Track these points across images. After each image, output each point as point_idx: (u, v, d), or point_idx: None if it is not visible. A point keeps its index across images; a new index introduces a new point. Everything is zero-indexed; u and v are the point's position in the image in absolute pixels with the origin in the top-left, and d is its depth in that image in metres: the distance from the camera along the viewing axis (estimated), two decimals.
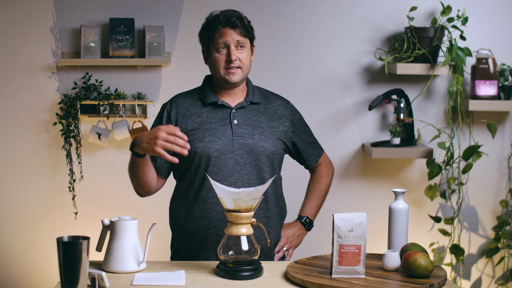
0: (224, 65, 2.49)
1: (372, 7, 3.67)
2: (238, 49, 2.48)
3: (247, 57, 2.51)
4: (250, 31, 2.52)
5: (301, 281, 2.16)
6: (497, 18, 3.69)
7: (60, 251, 2.01)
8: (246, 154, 2.49)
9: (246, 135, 2.50)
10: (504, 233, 3.67)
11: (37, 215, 3.72)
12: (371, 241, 3.45)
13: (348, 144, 3.72)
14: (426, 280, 2.16)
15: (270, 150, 2.52)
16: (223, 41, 2.48)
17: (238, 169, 2.48)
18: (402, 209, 2.37)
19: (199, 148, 2.47)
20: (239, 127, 2.51)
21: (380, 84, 3.69)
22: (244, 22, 2.50)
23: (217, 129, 2.49)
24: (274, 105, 2.61)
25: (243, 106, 2.55)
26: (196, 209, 2.51)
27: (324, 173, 2.74)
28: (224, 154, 2.47)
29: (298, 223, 2.67)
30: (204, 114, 2.53)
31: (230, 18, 2.48)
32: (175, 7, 3.65)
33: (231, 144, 2.48)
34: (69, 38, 3.66)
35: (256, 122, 2.54)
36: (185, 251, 2.56)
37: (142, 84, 3.67)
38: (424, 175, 3.73)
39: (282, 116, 2.60)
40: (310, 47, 3.68)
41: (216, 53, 2.50)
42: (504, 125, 3.73)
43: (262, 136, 2.51)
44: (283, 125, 2.58)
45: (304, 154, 2.68)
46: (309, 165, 2.72)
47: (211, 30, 2.51)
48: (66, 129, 3.61)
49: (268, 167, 2.53)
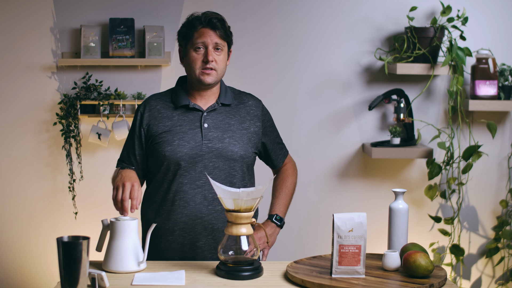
0: (200, 65, 2.48)
1: (372, 7, 3.67)
2: (216, 51, 2.48)
3: (223, 61, 2.51)
4: (229, 35, 2.52)
5: (301, 281, 2.16)
6: (497, 18, 3.69)
7: (60, 251, 2.01)
8: (215, 158, 2.49)
9: (216, 139, 2.49)
10: (504, 233, 3.67)
11: (37, 215, 3.72)
12: (371, 241, 3.45)
13: (348, 144, 3.72)
14: (426, 280, 2.16)
15: (239, 154, 2.51)
16: (201, 41, 2.47)
17: (206, 173, 2.47)
18: (402, 209, 2.37)
19: (168, 152, 2.47)
20: (209, 131, 2.50)
21: (380, 84, 3.69)
22: (225, 25, 2.49)
23: (186, 133, 2.49)
24: (246, 105, 2.60)
25: (215, 109, 2.53)
26: (163, 211, 2.51)
27: (290, 173, 2.74)
28: (192, 158, 2.47)
29: (269, 222, 2.64)
30: (175, 117, 2.52)
31: (212, 19, 2.47)
32: (175, 7, 3.65)
33: (200, 148, 2.48)
34: (69, 38, 3.66)
35: (227, 125, 2.52)
36: (151, 252, 2.54)
37: (142, 84, 3.67)
38: (424, 175, 3.73)
39: (254, 117, 2.59)
40: (310, 47, 3.68)
41: (194, 52, 2.49)
42: (504, 125, 3.73)
43: (232, 140, 2.51)
44: (254, 126, 2.57)
45: (272, 155, 2.68)
46: (276, 165, 2.72)
47: (191, 29, 2.49)
48: (66, 129, 3.61)
49: (237, 171, 2.52)
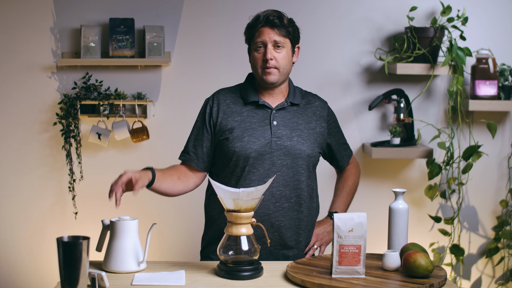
0: (261, 64, 2.50)
1: (372, 7, 3.67)
2: (276, 49, 2.48)
3: (285, 58, 2.50)
4: (291, 31, 2.51)
5: (301, 281, 2.16)
6: (497, 18, 3.69)
7: (60, 251, 2.01)
8: (283, 156, 2.51)
9: (285, 137, 2.51)
10: (504, 233, 3.67)
11: (37, 215, 3.72)
12: (371, 241, 3.45)
13: (348, 144, 3.71)
14: (426, 280, 2.16)
15: (307, 153, 2.53)
16: (260, 40, 2.49)
17: (274, 170, 2.49)
18: (402, 209, 2.37)
19: (238, 148, 2.49)
20: (278, 129, 2.52)
21: (380, 84, 3.69)
22: (284, 22, 2.49)
23: (256, 129, 2.51)
24: (313, 105, 2.62)
25: (283, 107, 2.56)
26: None
27: (353, 172, 2.78)
28: (262, 155, 2.49)
29: (328, 219, 2.69)
30: (244, 113, 2.54)
31: (269, 17, 2.48)
32: (175, 7, 3.65)
33: (269, 145, 2.50)
34: (69, 38, 3.66)
35: (295, 124, 2.55)
36: (215, 246, 2.56)
37: (142, 84, 3.67)
38: (424, 175, 3.73)
39: (320, 117, 2.61)
40: (310, 47, 3.67)
41: (255, 52, 2.51)
42: (504, 125, 3.73)
43: (300, 139, 2.53)
44: (320, 126, 2.60)
45: (338, 155, 2.71)
46: (341, 165, 2.76)
47: (252, 29, 2.52)
48: (66, 129, 3.61)
49: (304, 169, 2.54)
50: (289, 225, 2.53)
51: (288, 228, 2.53)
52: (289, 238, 2.53)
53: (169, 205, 3.67)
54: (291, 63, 2.54)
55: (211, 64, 3.67)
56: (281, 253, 2.54)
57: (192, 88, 3.68)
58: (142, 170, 2.44)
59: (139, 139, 3.60)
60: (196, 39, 3.67)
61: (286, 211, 2.52)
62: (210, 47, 3.67)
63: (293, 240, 2.54)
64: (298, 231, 2.55)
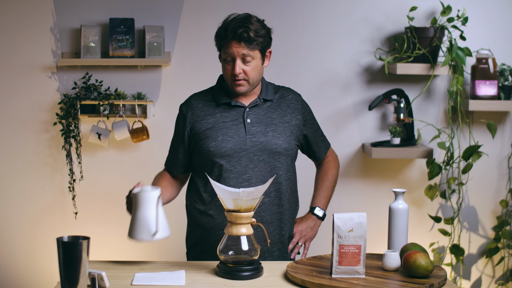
0: (230, 76, 2.50)
1: (372, 7, 3.66)
2: (245, 63, 2.48)
3: (254, 69, 2.50)
4: (260, 41, 2.48)
5: (301, 281, 2.16)
6: (497, 18, 3.69)
7: (60, 251, 2.01)
8: (259, 152, 2.52)
9: (259, 134, 2.52)
10: (504, 233, 3.67)
11: (37, 215, 3.72)
12: (371, 241, 3.45)
13: (348, 144, 3.72)
14: (426, 280, 2.16)
15: (283, 147, 2.54)
16: (229, 53, 2.48)
17: (251, 167, 2.51)
18: (402, 209, 2.38)
19: (212, 147, 2.51)
20: (252, 126, 2.53)
21: (380, 84, 3.69)
22: (251, 36, 2.44)
23: (230, 128, 2.52)
24: (287, 99, 2.63)
25: (257, 104, 2.57)
26: (212, 206, 2.55)
27: (332, 165, 2.78)
28: (237, 152, 2.51)
29: (310, 215, 2.69)
30: (217, 114, 2.56)
31: (237, 30, 2.44)
32: (175, 7, 3.65)
33: (244, 142, 2.51)
34: (69, 38, 3.66)
35: (269, 119, 2.56)
36: (200, 247, 2.59)
37: (142, 84, 3.67)
38: (424, 175, 3.73)
39: (295, 110, 2.62)
40: (310, 47, 3.67)
41: (225, 63, 2.52)
42: (504, 125, 3.73)
43: (275, 133, 2.54)
44: (295, 119, 2.60)
45: (314, 147, 2.71)
46: (318, 157, 2.75)
47: (220, 41, 2.51)
48: (66, 129, 3.61)
49: (282, 163, 2.55)
50: (271, 220, 2.54)
51: (270, 222, 2.54)
52: (271, 233, 2.54)
53: (169, 205, 3.66)
54: (262, 71, 2.54)
55: (211, 64, 3.67)
56: (266, 249, 2.55)
57: (192, 88, 3.65)
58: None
59: (139, 139, 3.60)
60: (196, 39, 3.67)
61: (267, 206, 2.53)
62: (210, 47, 3.66)
63: (276, 234, 2.56)
64: (281, 225, 2.57)
